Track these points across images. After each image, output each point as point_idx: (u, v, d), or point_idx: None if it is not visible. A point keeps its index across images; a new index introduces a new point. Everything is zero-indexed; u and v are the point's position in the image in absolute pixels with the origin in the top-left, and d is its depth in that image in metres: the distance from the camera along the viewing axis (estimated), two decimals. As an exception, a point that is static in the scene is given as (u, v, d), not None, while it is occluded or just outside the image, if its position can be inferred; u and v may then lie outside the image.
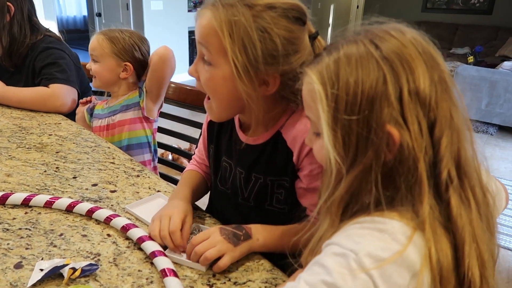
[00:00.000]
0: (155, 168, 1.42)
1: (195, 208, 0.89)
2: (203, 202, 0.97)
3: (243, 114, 0.83)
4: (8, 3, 1.49)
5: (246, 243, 0.72)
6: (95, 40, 1.29)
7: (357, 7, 9.42)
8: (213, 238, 0.70)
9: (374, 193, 0.49)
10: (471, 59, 5.05)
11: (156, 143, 1.42)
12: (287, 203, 0.83)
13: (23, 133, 1.27)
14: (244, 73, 0.70)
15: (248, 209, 0.87)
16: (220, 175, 0.91)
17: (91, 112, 1.41)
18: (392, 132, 0.47)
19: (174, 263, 0.70)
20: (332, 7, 8.47)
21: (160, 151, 1.52)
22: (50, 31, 1.63)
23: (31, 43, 1.54)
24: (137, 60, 1.32)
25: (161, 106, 1.39)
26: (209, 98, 0.80)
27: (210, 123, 0.94)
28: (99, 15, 5.18)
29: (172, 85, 1.50)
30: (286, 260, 0.63)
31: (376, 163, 0.48)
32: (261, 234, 0.75)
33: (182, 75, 5.34)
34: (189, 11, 5.23)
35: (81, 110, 1.43)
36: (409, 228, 0.46)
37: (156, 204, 0.88)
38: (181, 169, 1.55)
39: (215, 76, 0.74)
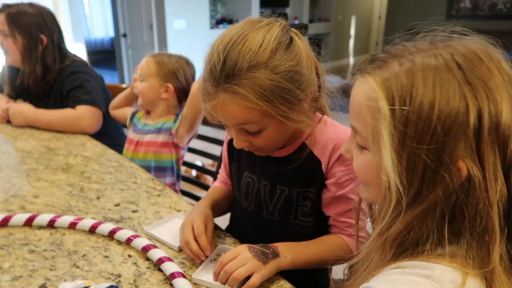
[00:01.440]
0: (176, 192, 1.43)
1: (214, 228, 0.89)
2: (223, 222, 0.97)
3: None
4: (41, 35, 1.57)
5: (274, 261, 0.71)
6: (144, 62, 1.35)
7: (379, 17, 9.36)
8: (242, 256, 0.70)
9: (436, 234, 0.44)
10: (499, 66, 4.90)
11: (180, 168, 1.44)
12: (312, 215, 0.83)
13: (50, 155, 1.32)
14: (295, 114, 0.71)
15: (271, 224, 0.86)
16: (242, 192, 0.91)
17: (132, 116, 1.46)
18: (461, 167, 0.41)
19: (194, 283, 0.70)
20: (353, 18, 8.45)
21: (183, 168, 1.54)
22: (76, 56, 1.70)
23: (59, 69, 1.60)
24: (179, 83, 1.36)
25: (194, 135, 1.41)
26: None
27: (231, 142, 0.95)
28: (124, 35, 5.34)
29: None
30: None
31: (445, 203, 0.43)
32: (288, 251, 0.74)
33: (205, 91, 5.42)
34: (211, 28, 5.33)
35: (133, 85, 1.43)
36: (459, 273, 0.41)
37: (174, 224, 0.89)
38: (204, 186, 1.57)
39: (270, 134, 0.74)
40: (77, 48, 3.79)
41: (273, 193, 0.85)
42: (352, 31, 8.57)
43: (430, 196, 0.43)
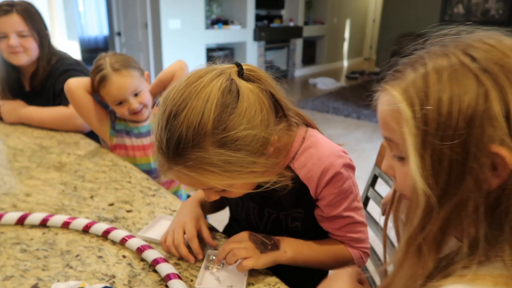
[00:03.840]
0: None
1: (211, 229, 0.88)
2: (221, 223, 0.97)
3: None
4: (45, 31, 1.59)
5: (272, 253, 0.72)
6: (128, 78, 1.20)
7: (374, 21, 9.42)
8: (243, 240, 0.73)
9: (473, 232, 0.42)
10: (491, 71, 4.96)
11: None
12: (306, 230, 0.81)
13: (43, 153, 1.30)
14: (254, 173, 0.65)
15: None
16: (233, 208, 0.91)
17: (113, 125, 1.32)
18: (500, 153, 0.39)
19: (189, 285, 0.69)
20: (348, 21, 8.48)
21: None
22: (66, 54, 1.68)
23: (50, 67, 1.59)
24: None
25: None
26: None
27: None
28: (119, 34, 5.31)
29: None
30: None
31: (478, 195, 0.41)
32: (290, 247, 0.74)
33: (199, 92, 5.39)
34: (206, 28, 5.31)
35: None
36: None
37: (163, 225, 0.88)
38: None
39: (239, 188, 0.70)
40: (71, 46, 3.76)
41: (262, 215, 0.83)
42: (347, 34, 8.61)
43: (460, 190, 0.42)
